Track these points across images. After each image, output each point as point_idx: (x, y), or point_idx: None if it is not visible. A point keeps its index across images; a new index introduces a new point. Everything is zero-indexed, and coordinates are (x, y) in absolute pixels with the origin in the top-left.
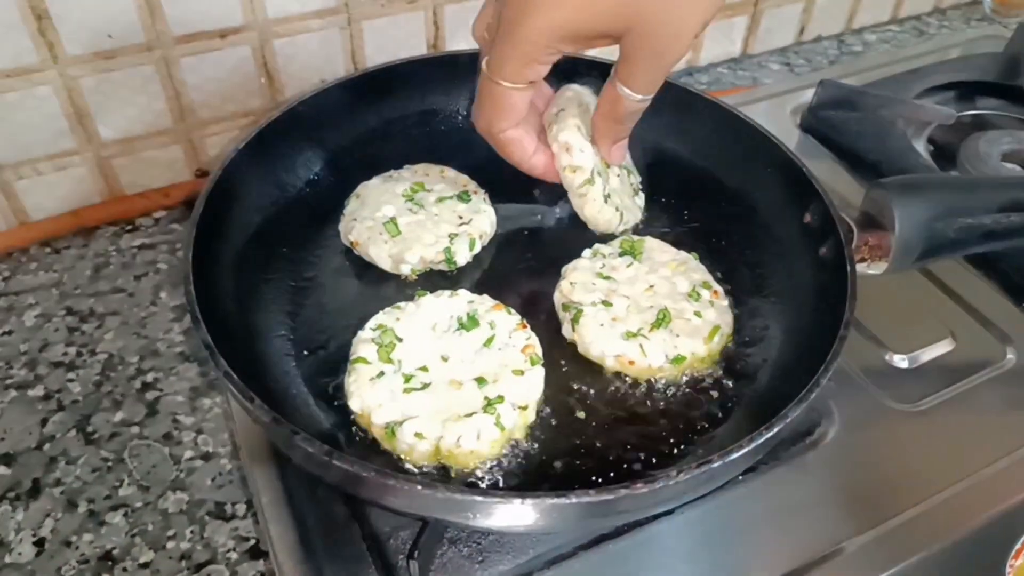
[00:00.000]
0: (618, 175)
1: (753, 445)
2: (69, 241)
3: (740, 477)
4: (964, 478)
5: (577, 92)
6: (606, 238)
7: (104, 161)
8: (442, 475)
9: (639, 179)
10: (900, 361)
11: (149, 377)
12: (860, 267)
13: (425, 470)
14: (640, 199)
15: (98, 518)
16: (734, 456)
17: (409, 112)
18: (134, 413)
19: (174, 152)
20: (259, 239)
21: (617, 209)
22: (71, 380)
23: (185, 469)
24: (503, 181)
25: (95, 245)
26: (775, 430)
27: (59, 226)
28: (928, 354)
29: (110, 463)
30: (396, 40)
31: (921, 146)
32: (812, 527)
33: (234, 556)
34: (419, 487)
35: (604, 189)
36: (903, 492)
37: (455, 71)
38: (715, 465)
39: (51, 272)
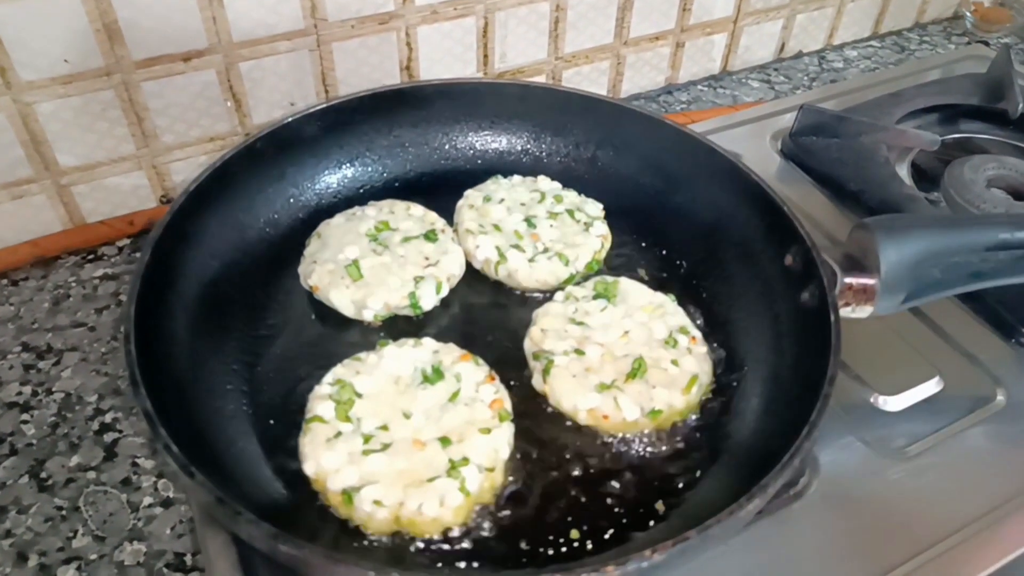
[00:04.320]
0: (552, 225)
1: (733, 518)
2: (27, 272)
3: None
4: (959, 529)
5: (466, 197)
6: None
7: (63, 189)
8: (405, 544)
9: (599, 207)
10: (886, 403)
11: (108, 418)
12: (844, 312)
13: (383, 540)
14: (598, 228)
15: (50, 572)
16: (712, 531)
17: (375, 145)
18: (91, 457)
19: (137, 179)
20: (215, 285)
21: (559, 257)
22: (25, 422)
23: (144, 517)
24: None
25: (55, 276)
26: (755, 502)
27: (17, 257)
28: (916, 396)
29: (64, 512)
30: (368, 63)
31: (904, 172)
32: None
33: None
34: (371, 573)
35: (527, 253)
36: (894, 546)
37: (423, 101)
38: (691, 542)
39: (7, 305)
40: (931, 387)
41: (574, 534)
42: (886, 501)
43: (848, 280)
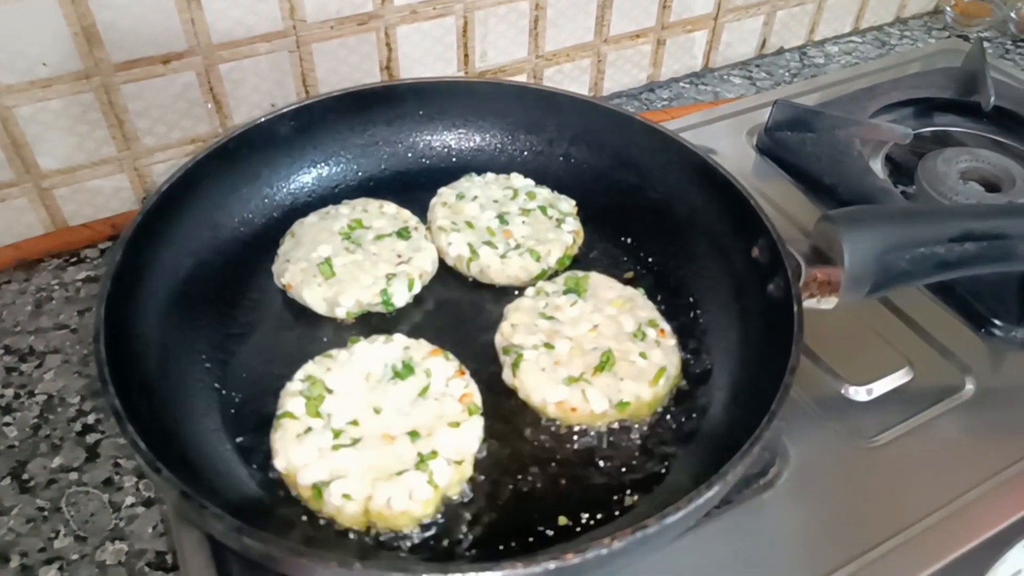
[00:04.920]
0: (524, 222)
1: (692, 506)
2: (9, 275)
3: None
4: (927, 516)
5: (440, 195)
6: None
7: (45, 192)
8: (377, 538)
9: (571, 204)
10: (856, 393)
11: (90, 419)
12: (809, 303)
13: (355, 535)
14: (569, 224)
15: (31, 572)
16: (670, 519)
17: (349, 144)
18: (73, 458)
19: (119, 181)
20: (188, 284)
21: (531, 253)
22: (7, 424)
23: (125, 517)
24: None
25: (37, 279)
26: (714, 489)
27: None
28: (885, 385)
29: (46, 513)
30: (348, 63)
31: (878, 165)
32: (770, 572)
33: None
34: (335, 565)
35: (499, 250)
36: (864, 533)
37: (397, 100)
38: (650, 530)
39: None
40: (901, 377)
41: (562, 520)
42: (856, 489)
43: (813, 272)
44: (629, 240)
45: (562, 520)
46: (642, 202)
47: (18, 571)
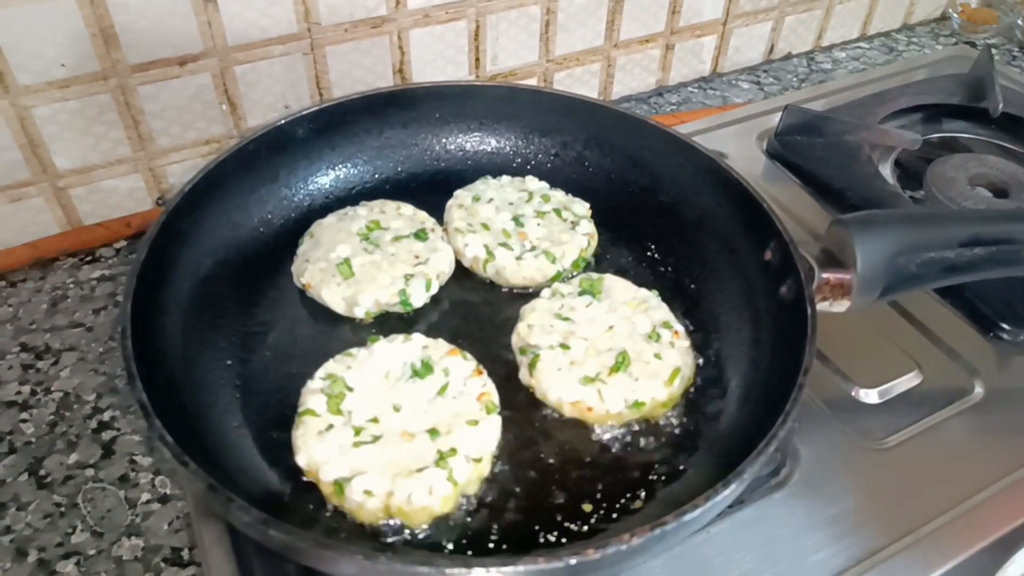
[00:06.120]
0: (539, 224)
1: (709, 503)
2: (26, 274)
3: None
4: (935, 517)
5: (456, 197)
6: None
7: (61, 191)
8: (394, 533)
9: (585, 207)
10: (867, 396)
11: (106, 416)
12: (822, 306)
13: (374, 528)
14: (584, 227)
15: (49, 567)
16: (688, 517)
17: (366, 147)
18: (89, 455)
19: (134, 181)
20: (209, 283)
21: (546, 254)
22: (24, 420)
23: (141, 513)
24: None
25: (53, 278)
26: (731, 487)
27: (15, 258)
28: (895, 388)
29: (63, 508)
30: (361, 66)
31: (887, 170)
32: (781, 571)
33: None
34: (360, 557)
35: (515, 251)
36: (873, 533)
37: (413, 104)
38: (669, 527)
39: (6, 307)
40: (910, 380)
41: (585, 508)
42: (865, 490)
43: (825, 275)
44: (642, 242)
45: (585, 508)
46: (654, 205)
47: (36, 565)
